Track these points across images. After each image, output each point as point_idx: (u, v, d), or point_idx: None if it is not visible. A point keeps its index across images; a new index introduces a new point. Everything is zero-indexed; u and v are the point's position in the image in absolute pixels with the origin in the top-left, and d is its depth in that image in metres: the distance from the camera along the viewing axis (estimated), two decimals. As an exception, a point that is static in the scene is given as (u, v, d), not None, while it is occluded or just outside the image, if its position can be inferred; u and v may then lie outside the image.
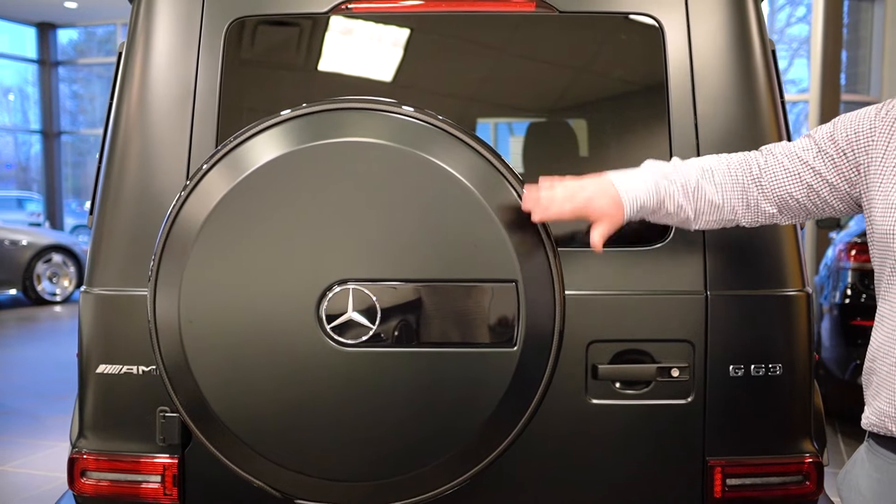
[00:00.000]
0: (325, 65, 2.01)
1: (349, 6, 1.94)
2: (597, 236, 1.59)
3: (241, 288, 1.56)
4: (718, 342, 1.84)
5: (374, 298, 1.58)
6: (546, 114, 2.22)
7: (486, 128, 2.29)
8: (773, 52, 2.03)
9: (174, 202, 1.59)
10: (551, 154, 2.16)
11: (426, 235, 1.57)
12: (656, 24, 1.92)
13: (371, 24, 1.98)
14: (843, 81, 8.76)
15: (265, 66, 2.02)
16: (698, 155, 1.86)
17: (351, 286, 1.57)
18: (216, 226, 1.56)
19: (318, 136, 1.59)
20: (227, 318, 1.57)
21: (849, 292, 4.94)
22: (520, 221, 1.58)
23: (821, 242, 8.67)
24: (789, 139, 1.95)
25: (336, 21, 1.96)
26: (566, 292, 1.64)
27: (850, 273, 4.94)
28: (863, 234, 4.84)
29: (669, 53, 1.90)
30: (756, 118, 1.89)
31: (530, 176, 1.74)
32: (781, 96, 2.01)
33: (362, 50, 2.00)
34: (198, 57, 1.89)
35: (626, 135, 2.03)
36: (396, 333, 1.59)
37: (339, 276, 1.57)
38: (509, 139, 2.33)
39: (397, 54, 1.99)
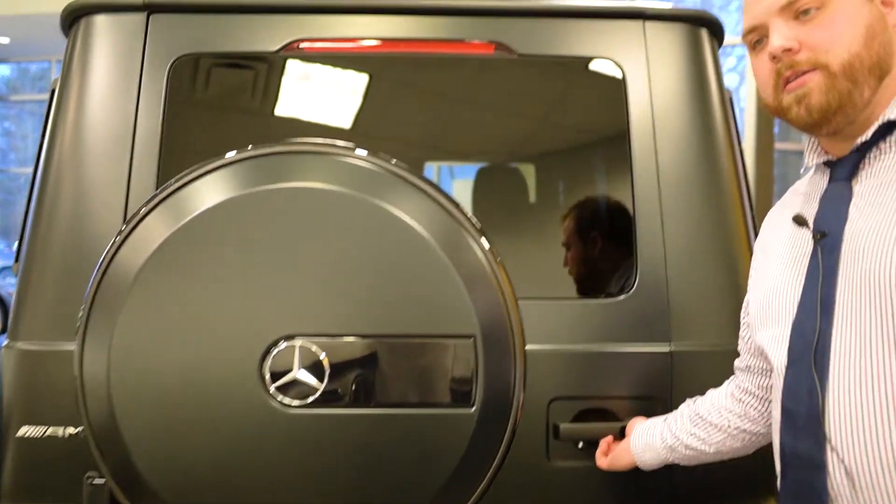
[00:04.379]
0: (275, 106, 1.92)
1: (300, 46, 1.85)
2: (604, 463, 1.73)
3: (177, 343, 1.44)
4: (683, 399, 1.78)
5: (323, 355, 1.47)
6: (503, 159, 2.15)
7: (444, 172, 2.22)
8: (731, 101, 2.01)
9: (107, 248, 1.47)
10: (504, 200, 2.10)
11: (379, 287, 1.47)
12: (618, 70, 1.87)
13: (323, 65, 1.89)
14: (776, 130, 9.01)
15: (212, 106, 1.91)
16: (660, 201, 1.81)
17: (297, 342, 1.46)
18: (152, 275, 1.44)
19: (264, 180, 1.49)
20: (161, 375, 1.44)
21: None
22: (478, 273, 1.50)
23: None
24: (748, 187, 1.97)
25: (287, 61, 1.87)
26: (527, 347, 1.56)
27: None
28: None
29: (631, 99, 1.86)
30: (715, 166, 1.86)
31: (484, 221, 1.68)
32: (739, 144, 1.99)
33: (314, 91, 1.91)
34: (138, 95, 1.78)
35: (586, 181, 1.97)
36: (346, 393, 1.48)
37: (284, 331, 1.46)
38: (463, 184, 2.26)
39: (350, 96, 1.91)
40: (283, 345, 1.46)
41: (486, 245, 1.52)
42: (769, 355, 1.36)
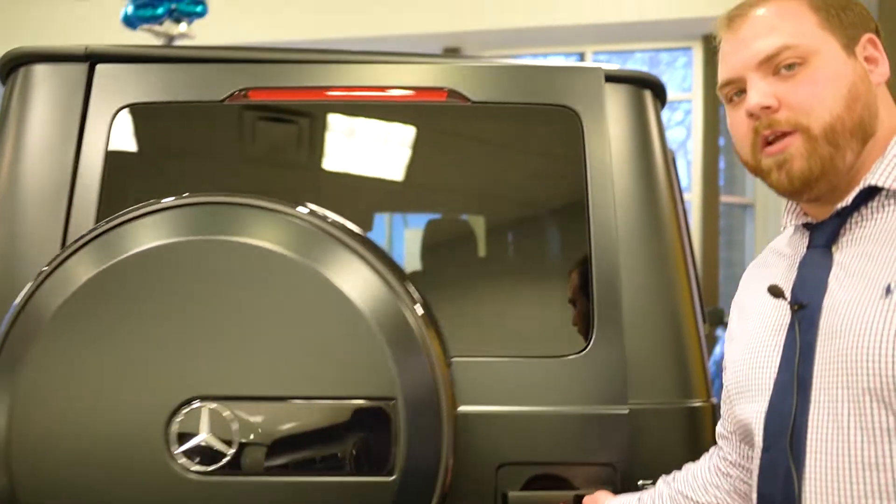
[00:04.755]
0: (219, 155, 1.87)
1: (247, 94, 1.80)
2: None
3: (81, 401, 1.38)
4: (641, 463, 1.65)
5: (233, 418, 1.39)
6: (454, 210, 2.07)
7: (398, 221, 2.14)
8: (673, 160, 2.04)
9: (18, 298, 1.42)
10: (452, 253, 2.01)
11: (296, 348, 1.39)
12: (575, 117, 1.78)
13: (271, 113, 1.84)
14: (721, 182, 9.11)
15: (155, 156, 1.87)
16: (618, 256, 1.74)
17: (206, 403, 1.38)
18: (60, 328, 1.39)
19: (189, 231, 1.44)
20: (63, 436, 1.37)
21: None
22: (403, 333, 1.41)
23: (709, 339, 8.71)
24: (690, 244, 1.97)
25: (233, 110, 1.82)
26: (472, 408, 1.46)
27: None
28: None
29: (589, 152, 1.78)
30: (660, 223, 1.81)
31: (430, 274, 1.59)
32: (682, 201, 2.00)
33: (260, 140, 1.86)
34: (79, 144, 1.74)
35: (540, 234, 1.88)
36: (257, 459, 1.39)
37: (193, 392, 1.38)
38: (415, 234, 2.18)
39: (298, 145, 1.85)
40: (191, 405, 1.38)
41: (417, 304, 1.44)
42: (750, 430, 1.28)
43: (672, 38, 9.24)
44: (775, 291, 1.24)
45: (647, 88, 1.89)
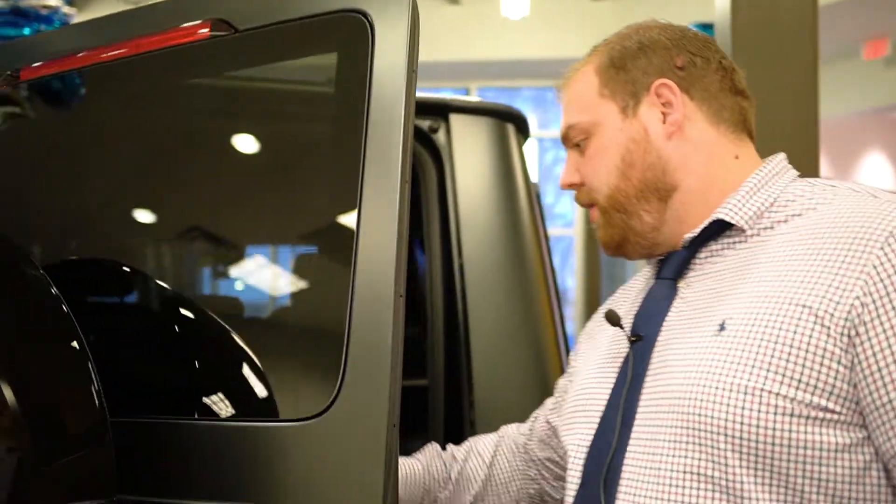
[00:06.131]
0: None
1: (16, 76, 1.57)
2: None
3: None
4: None
5: None
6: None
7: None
8: (538, 193, 2.07)
9: None
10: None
11: None
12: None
13: (45, 92, 1.62)
14: None
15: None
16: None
17: None
18: None
19: None
20: None
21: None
22: None
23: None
24: (553, 273, 1.97)
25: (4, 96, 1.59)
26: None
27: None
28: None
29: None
30: (521, 255, 1.81)
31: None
32: (545, 234, 2.02)
33: (36, 124, 1.63)
34: None
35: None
36: None
37: None
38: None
39: (73, 121, 1.61)
40: None
41: None
42: (568, 463, 1.21)
43: (557, 77, 9.42)
44: (612, 318, 1.19)
45: (509, 122, 1.89)
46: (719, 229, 1.13)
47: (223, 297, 1.40)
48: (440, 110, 1.86)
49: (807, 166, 2.93)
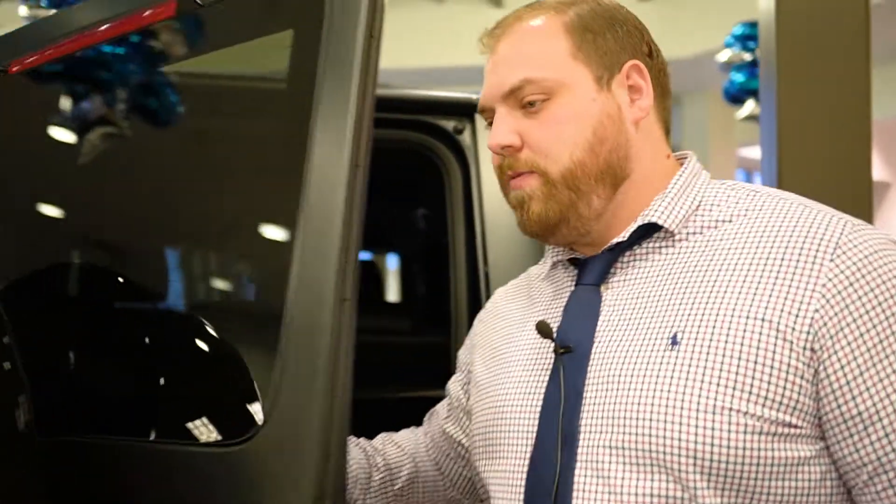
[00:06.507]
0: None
1: (6, 71, 1.50)
2: None
3: None
4: None
5: None
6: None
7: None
8: None
9: None
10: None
11: None
12: None
13: (34, 85, 1.55)
14: None
15: None
16: None
17: None
18: None
19: None
20: None
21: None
22: None
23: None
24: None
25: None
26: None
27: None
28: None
29: None
30: None
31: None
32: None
33: (27, 118, 1.57)
34: None
35: None
36: None
37: None
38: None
39: (60, 115, 1.55)
40: None
41: None
42: (495, 496, 1.12)
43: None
44: (543, 330, 1.09)
45: None
46: (644, 232, 1.09)
47: (140, 307, 1.29)
48: (465, 111, 1.82)
49: (858, 168, 2.78)
